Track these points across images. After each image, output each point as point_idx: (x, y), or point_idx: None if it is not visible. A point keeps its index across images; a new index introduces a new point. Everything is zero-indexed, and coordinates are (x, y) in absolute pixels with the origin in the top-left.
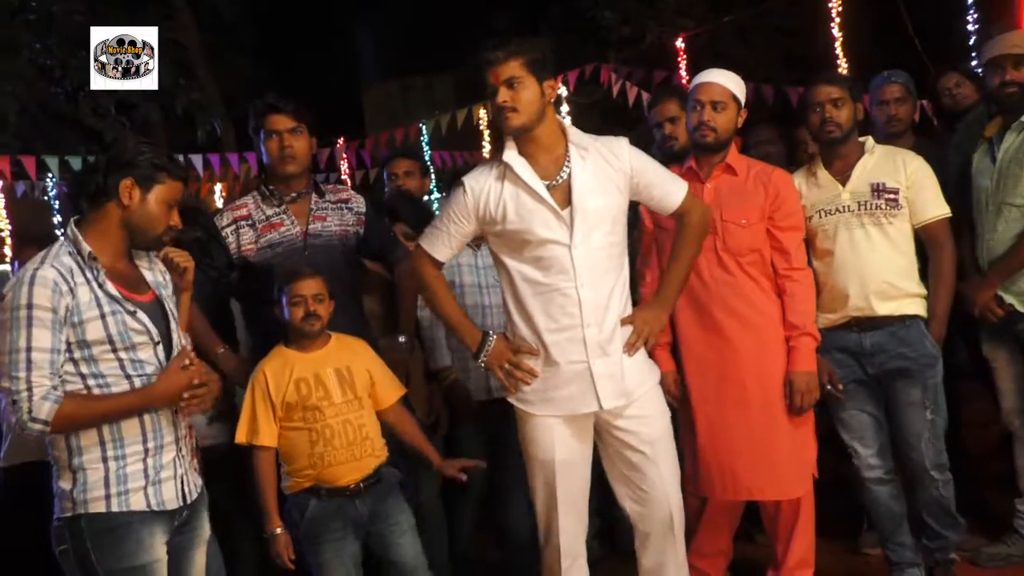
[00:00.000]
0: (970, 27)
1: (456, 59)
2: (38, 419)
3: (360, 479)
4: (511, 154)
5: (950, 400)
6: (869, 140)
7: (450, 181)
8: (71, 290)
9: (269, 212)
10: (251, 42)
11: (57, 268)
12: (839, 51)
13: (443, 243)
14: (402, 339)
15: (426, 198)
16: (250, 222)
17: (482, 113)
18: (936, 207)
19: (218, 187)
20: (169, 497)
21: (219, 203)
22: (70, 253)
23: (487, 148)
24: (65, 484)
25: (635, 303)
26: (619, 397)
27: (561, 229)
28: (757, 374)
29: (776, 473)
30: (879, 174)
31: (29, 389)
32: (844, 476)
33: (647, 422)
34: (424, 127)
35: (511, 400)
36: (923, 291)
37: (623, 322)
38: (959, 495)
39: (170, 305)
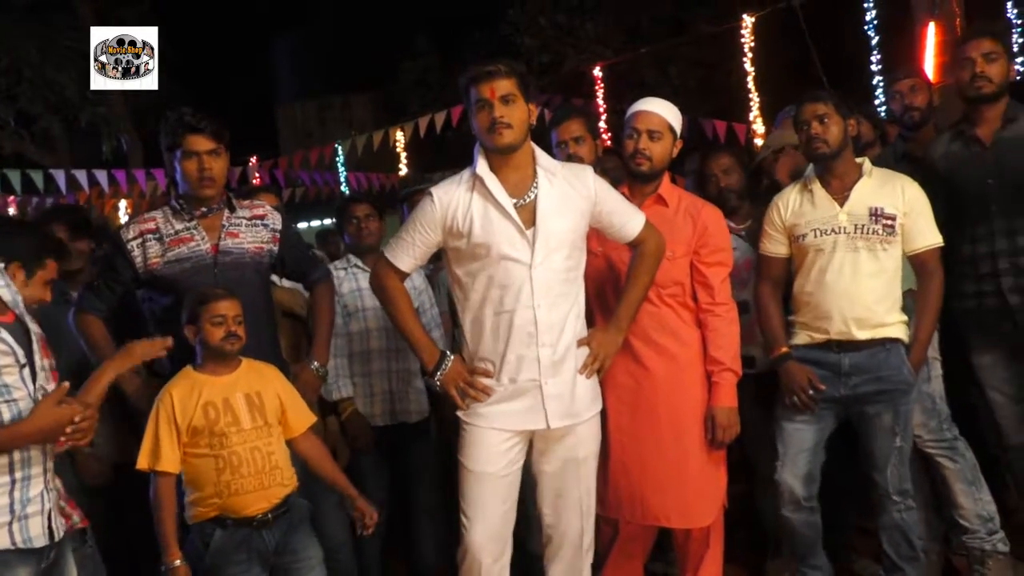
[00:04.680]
0: (873, 67)
1: (376, 80)
2: None
3: (268, 509)
4: (484, 168)
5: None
6: (866, 162)
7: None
8: None
9: (179, 226)
10: (162, 55)
11: None
12: (751, 85)
13: (407, 253)
14: (316, 365)
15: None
16: (157, 236)
17: (399, 135)
18: (930, 236)
19: (123, 203)
20: (36, 533)
21: (124, 220)
22: None
23: (404, 171)
24: None
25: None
26: (566, 418)
27: (523, 248)
28: (671, 403)
29: (684, 501)
30: (878, 198)
31: None
32: (753, 503)
33: (582, 442)
34: (339, 147)
35: (458, 414)
36: (903, 318)
37: (579, 343)
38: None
39: (33, 326)
